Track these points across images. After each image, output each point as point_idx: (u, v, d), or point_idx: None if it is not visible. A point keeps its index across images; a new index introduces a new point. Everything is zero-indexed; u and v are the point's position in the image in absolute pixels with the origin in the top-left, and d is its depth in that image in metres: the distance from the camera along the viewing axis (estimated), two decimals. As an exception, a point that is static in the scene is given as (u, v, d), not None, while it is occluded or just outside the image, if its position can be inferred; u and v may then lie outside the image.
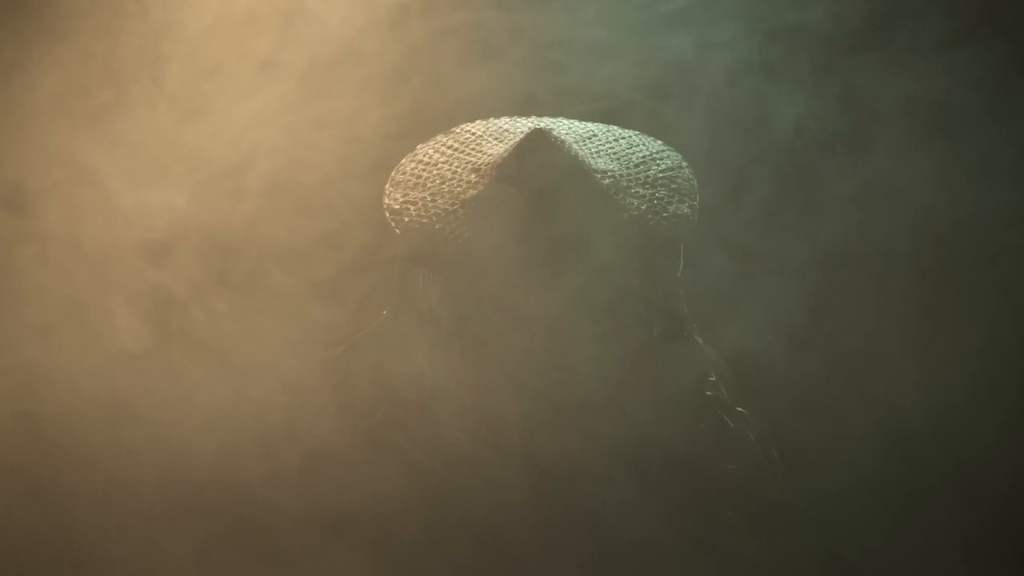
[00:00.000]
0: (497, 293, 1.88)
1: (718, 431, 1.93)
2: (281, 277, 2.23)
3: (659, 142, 2.02)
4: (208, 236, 2.23)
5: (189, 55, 2.27)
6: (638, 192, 1.92)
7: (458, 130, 2.03)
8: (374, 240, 2.19)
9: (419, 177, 1.96)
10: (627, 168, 1.95)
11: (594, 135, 2.00)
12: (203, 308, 2.17)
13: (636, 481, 1.88)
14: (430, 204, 1.92)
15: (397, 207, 1.94)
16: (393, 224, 1.93)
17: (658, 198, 1.92)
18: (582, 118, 2.07)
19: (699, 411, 1.93)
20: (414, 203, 1.93)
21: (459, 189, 1.93)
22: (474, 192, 1.91)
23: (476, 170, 1.94)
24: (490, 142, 1.99)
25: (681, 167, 1.97)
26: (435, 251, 1.90)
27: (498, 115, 2.07)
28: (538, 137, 1.88)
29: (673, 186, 1.94)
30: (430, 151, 2.01)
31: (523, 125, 2.02)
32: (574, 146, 1.91)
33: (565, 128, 2.01)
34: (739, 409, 1.95)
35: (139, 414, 2.09)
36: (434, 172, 1.96)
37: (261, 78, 2.28)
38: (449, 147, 2.00)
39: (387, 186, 1.98)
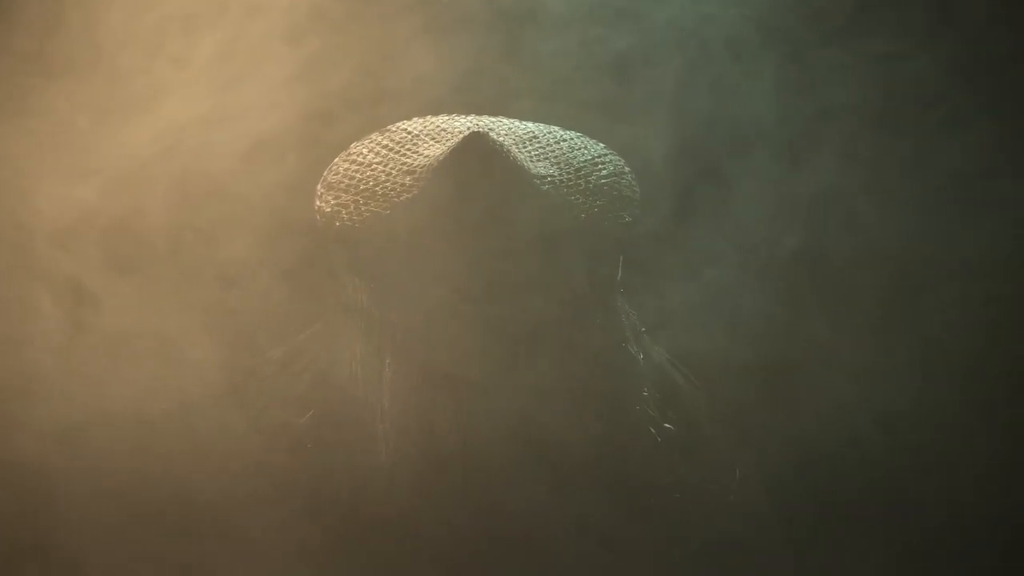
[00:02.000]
0: (431, 299, 1.83)
1: (646, 446, 1.90)
2: (193, 265, 2.19)
3: (601, 145, 1.96)
4: (121, 225, 2.18)
5: (120, 45, 2.22)
6: (578, 200, 1.86)
7: (393, 128, 1.97)
8: (287, 225, 2.15)
9: (352, 178, 1.90)
10: (568, 173, 1.89)
11: (535, 137, 1.94)
12: (113, 294, 2.13)
13: (562, 489, 1.86)
14: (363, 208, 1.86)
15: (329, 210, 1.87)
16: (325, 227, 1.87)
17: (599, 206, 1.86)
18: (532, 99, 2.02)
19: (629, 425, 1.90)
20: (346, 206, 1.87)
21: (393, 192, 1.86)
22: (408, 196, 1.85)
23: (411, 172, 1.88)
24: (426, 142, 1.93)
25: (623, 173, 1.92)
26: (368, 256, 1.84)
27: (438, 98, 2.02)
28: (476, 140, 1.82)
29: (614, 193, 1.89)
30: (364, 150, 1.94)
31: (461, 124, 1.96)
32: (513, 150, 1.85)
33: (505, 129, 1.95)
34: (667, 426, 1.92)
35: (55, 397, 2.06)
36: (368, 173, 1.90)
37: (190, 66, 2.22)
38: (384, 147, 1.93)
39: (319, 187, 1.91)
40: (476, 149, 1.81)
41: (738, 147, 2.26)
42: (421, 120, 1.98)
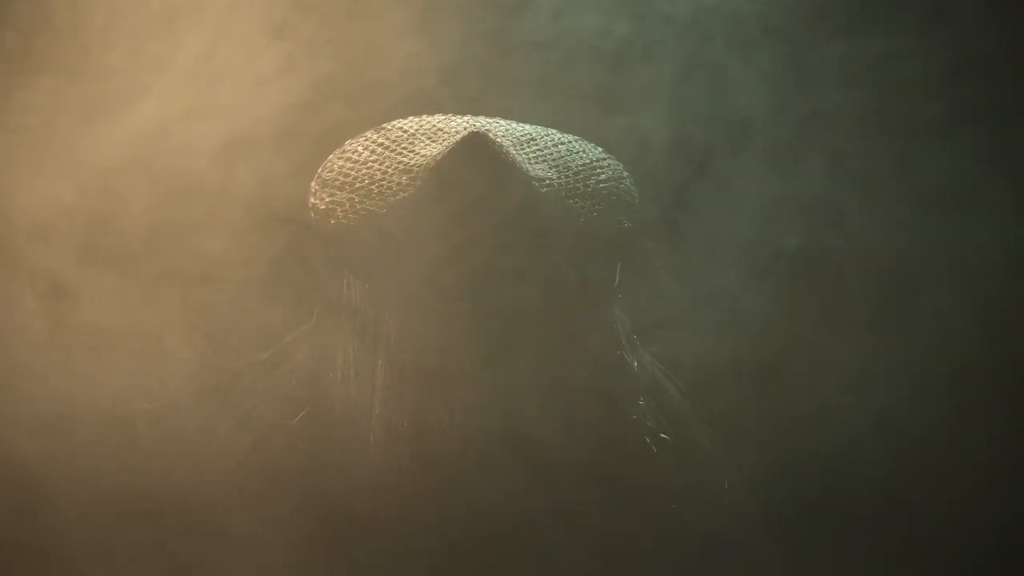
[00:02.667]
0: (427, 299, 1.80)
1: (641, 456, 1.88)
2: (177, 262, 2.16)
3: (599, 149, 1.94)
4: (103, 221, 2.16)
5: (105, 43, 2.18)
6: (577, 203, 1.84)
7: (389, 126, 1.95)
8: (272, 222, 2.14)
9: (347, 176, 1.87)
10: (566, 177, 1.87)
11: (532, 139, 1.92)
12: (96, 291, 2.10)
13: (556, 492, 1.84)
14: (358, 205, 1.83)
15: (324, 207, 1.84)
16: (319, 225, 1.84)
17: (599, 210, 1.84)
18: (521, 91, 2.00)
19: (624, 434, 1.88)
20: (341, 204, 1.84)
21: (389, 191, 1.84)
22: (405, 195, 1.82)
23: (408, 171, 1.85)
24: (423, 141, 1.90)
25: (622, 177, 1.90)
26: (364, 254, 1.81)
27: (426, 89, 1.99)
28: (475, 141, 1.79)
29: (613, 198, 1.86)
30: (359, 148, 1.91)
31: (457, 124, 1.94)
32: (512, 151, 1.83)
33: (502, 130, 1.92)
34: (663, 436, 1.90)
35: (38, 392, 2.04)
36: (363, 171, 1.87)
37: (174, 64, 2.19)
38: (379, 144, 1.91)
39: (313, 184, 1.88)
40: (475, 149, 1.79)
41: (732, 146, 2.25)
42: (417, 119, 1.96)
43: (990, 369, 2.10)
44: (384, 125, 1.94)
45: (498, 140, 1.81)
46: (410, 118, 1.96)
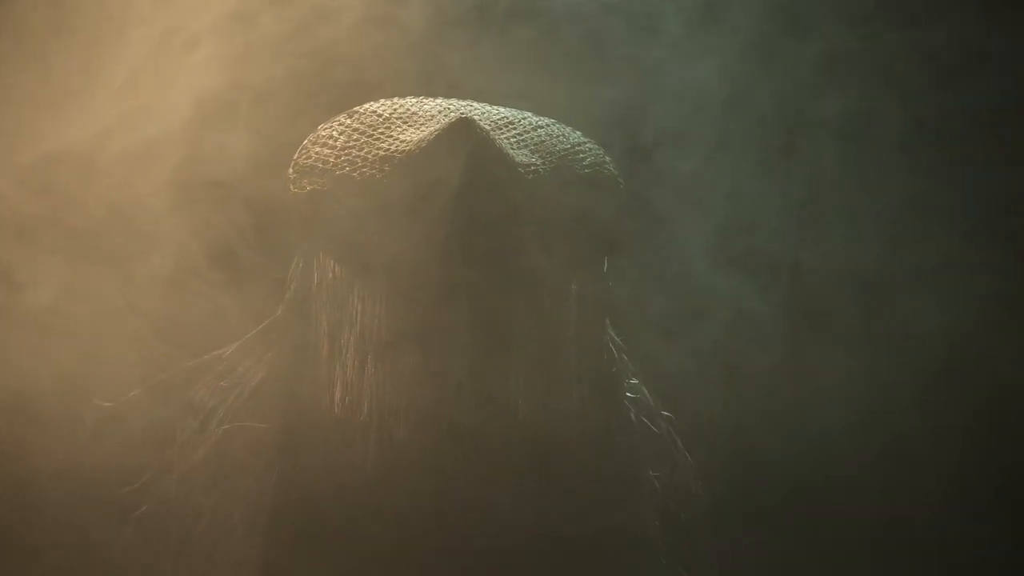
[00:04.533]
0: (414, 290, 1.76)
1: (642, 436, 1.87)
2: (130, 255, 2.10)
3: (577, 133, 1.91)
4: (55, 215, 2.09)
5: (59, 38, 2.10)
6: (564, 190, 1.82)
7: (361, 110, 1.89)
8: (232, 213, 2.10)
9: (326, 163, 1.82)
10: (550, 162, 1.84)
11: (510, 122, 1.89)
12: (43, 285, 2.04)
13: (554, 488, 1.82)
14: (341, 193, 1.78)
15: (305, 196, 1.79)
16: (302, 213, 1.79)
17: (587, 197, 1.82)
18: (490, 71, 1.98)
19: (622, 415, 1.87)
20: (323, 191, 1.79)
21: (372, 179, 1.79)
22: (389, 182, 1.78)
23: (389, 158, 1.80)
24: (399, 126, 1.86)
25: (604, 163, 1.88)
26: (349, 243, 1.77)
27: (391, 63, 1.95)
28: (463, 127, 1.75)
29: (598, 184, 1.84)
30: (334, 133, 1.86)
31: (431, 107, 1.89)
32: (498, 137, 1.80)
33: (478, 113, 1.88)
34: (665, 413, 1.90)
35: None
36: (343, 157, 1.82)
37: (129, 57, 2.12)
38: (354, 130, 1.85)
39: (290, 171, 1.82)
40: (462, 136, 1.75)
41: (714, 150, 2.24)
42: (389, 102, 1.91)
43: (968, 375, 2.15)
44: (356, 109, 1.89)
45: (484, 126, 1.78)
46: (381, 101, 1.91)
